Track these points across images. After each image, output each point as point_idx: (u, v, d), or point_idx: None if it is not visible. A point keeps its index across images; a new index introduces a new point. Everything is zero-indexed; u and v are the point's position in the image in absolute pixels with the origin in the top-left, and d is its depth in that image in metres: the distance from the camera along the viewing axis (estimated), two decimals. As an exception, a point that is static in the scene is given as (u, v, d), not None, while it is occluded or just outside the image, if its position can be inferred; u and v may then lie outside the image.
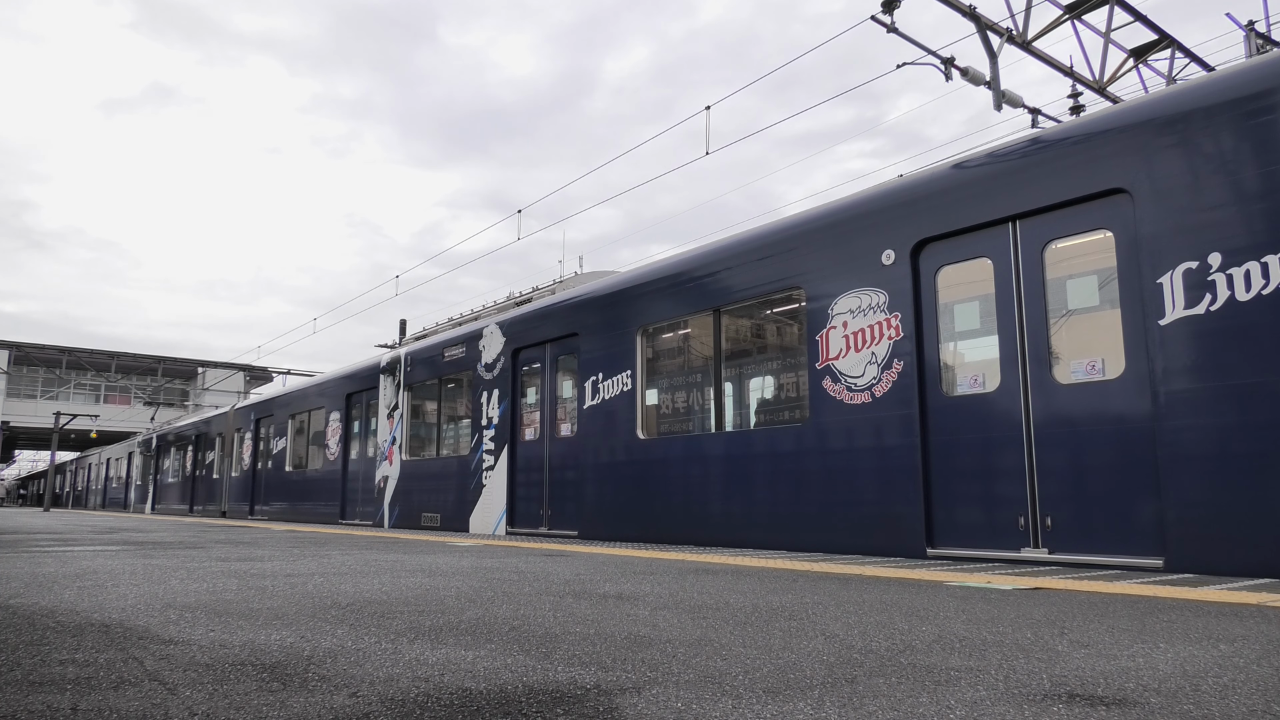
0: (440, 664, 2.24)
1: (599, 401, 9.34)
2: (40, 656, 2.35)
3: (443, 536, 9.88)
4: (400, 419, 13.42)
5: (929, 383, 6.38)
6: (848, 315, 6.93)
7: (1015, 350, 5.91)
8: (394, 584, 4.31)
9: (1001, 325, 6.01)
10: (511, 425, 10.83)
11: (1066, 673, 2.13)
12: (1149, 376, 5.18)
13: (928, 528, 6.23)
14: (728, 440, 7.89)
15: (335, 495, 15.34)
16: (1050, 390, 5.69)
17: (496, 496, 10.90)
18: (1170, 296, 5.13)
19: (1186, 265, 5.07)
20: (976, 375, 6.17)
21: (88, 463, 44.88)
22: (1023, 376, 5.85)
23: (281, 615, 3.15)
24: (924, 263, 6.52)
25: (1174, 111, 5.23)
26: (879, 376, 6.64)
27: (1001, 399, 5.94)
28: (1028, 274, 5.91)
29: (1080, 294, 5.71)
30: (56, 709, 1.77)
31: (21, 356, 46.95)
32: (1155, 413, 5.11)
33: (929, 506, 6.27)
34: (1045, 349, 5.75)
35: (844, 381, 6.91)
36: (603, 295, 9.58)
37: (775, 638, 2.66)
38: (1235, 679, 2.06)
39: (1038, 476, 5.68)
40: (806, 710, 1.76)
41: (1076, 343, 5.67)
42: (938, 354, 6.36)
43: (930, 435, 6.32)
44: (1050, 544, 5.60)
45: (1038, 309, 5.84)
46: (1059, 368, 5.69)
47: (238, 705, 1.80)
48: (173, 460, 26.99)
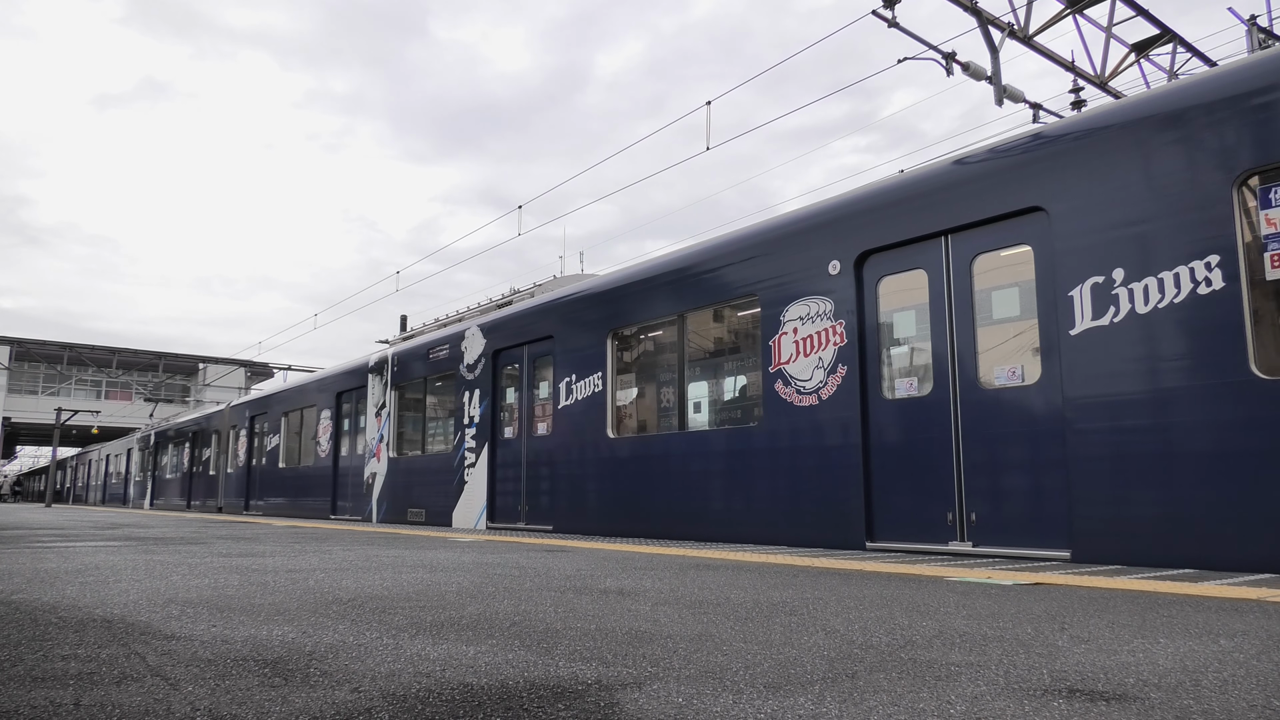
0: (442, 659, 2.25)
1: (572, 402, 9.74)
2: (43, 652, 2.35)
3: (445, 533, 9.90)
4: (388, 417, 13.80)
5: (870, 386, 6.80)
6: (798, 322, 7.34)
7: (946, 356, 6.31)
8: (395, 579, 4.32)
9: (935, 333, 6.40)
10: (492, 424, 11.23)
11: (1067, 668, 2.14)
12: (1060, 382, 5.56)
13: (868, 522, 6.63)
14: (690, 440, 8.29)
15: (326, 491, 15.68)
16: (976, 395, 6.09)
17: (478, 492, 11.30)
18: (1079, 308, 5.52)
19: (1094, 279, 5.46)
20: (913, 380, 6.58)
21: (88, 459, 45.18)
22: (953, 381, 6.24)
23: (283, 611, 3.15)
24: (867, 273, 6.92)
25: (1085, 136, 5.62)
26: (825, 380, 7.06)
27: (934, 402, 6.34)
28: (958, 285, 6.31)
29: (1004, 304, 6.09)
30: (59, 704, 1.78)
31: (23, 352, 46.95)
32: (1065, 416, 5.50)
33: (869, 502, 6.66)
34: (973, 356, 6.15)
35: (794, 385, 7.31)
36: (576, 299, 9.97)
37: (776, 633, 2.67)
38: (1235, 674, 2.06)
39: (964, 475, 6.09)
40: (807, 705, 1.76)
41: (1000, 350, 6.06)
42: (879, 359, 6.79)
43: (871, 436, 6.74)
44: (974, 537, 5.99)
45: (967, 318, 6.22)
46: (985, 374, 6.10)
47: (240, 700, 1.80)
48: (171, 456, 27.32)
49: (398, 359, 13.81)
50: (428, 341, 13.10)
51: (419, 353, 13.23)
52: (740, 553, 6.20)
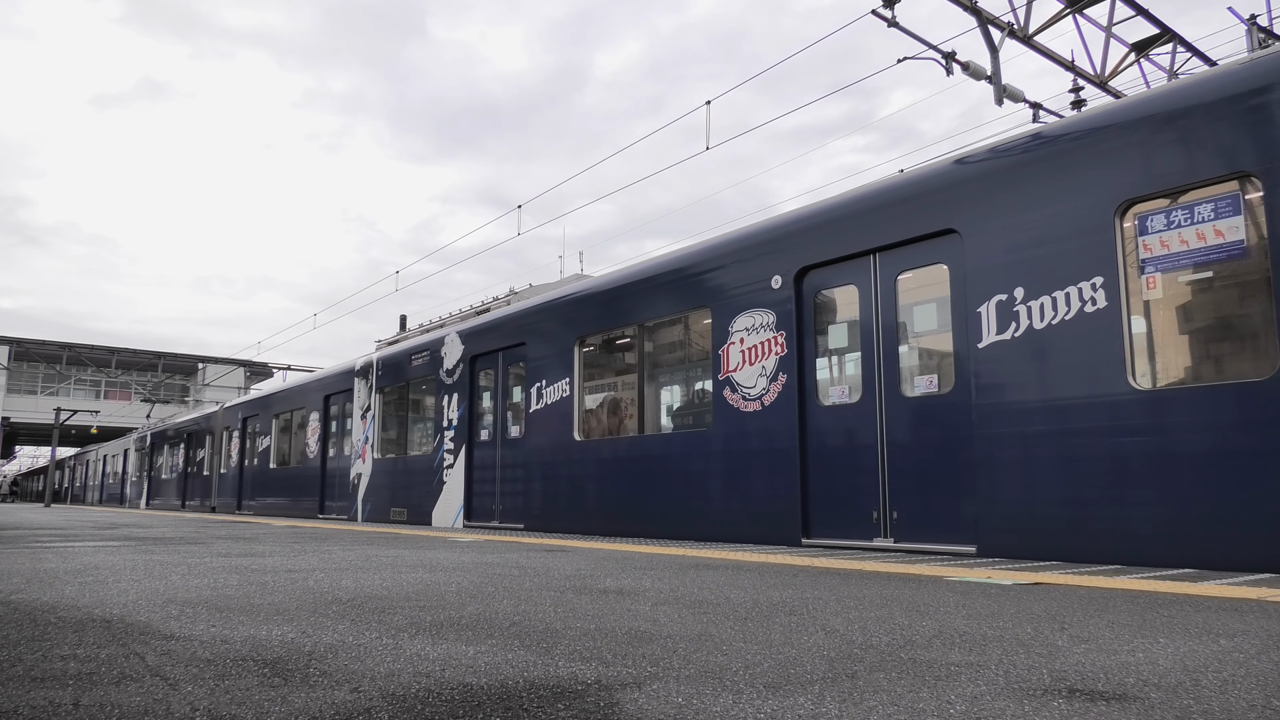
0: (441, 659, 2.25)
1: (543, 406, 10.20)
2: (42, 652, 2.35)
3: (444, 533, 9.90)
4: (373, 420, 14.27)
5: (807, 394, 7.26)
6: (744, 332, 7.81)
7: (874, 366, 6.78)
8: (395, 579, 4.32)
9: (863, 344, 6.89)
10: (469, 427, 11.69)
11: (1067, 668, 2.14)
12: (970, 392, 6.05)
13: (804, 520, 7.09)
14: (647, 443, 8.79)
15: (315, 491, 16.12)
16: (898, 402, 6.57)
17: (455, 492, 11.77)
18: (986, 323, 6.02)
19: (999, 297, 5.96)
20: (845, 388, 7.08)
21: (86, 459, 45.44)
22: (879, 389, 6.72)
23: (283, 611, 3.15)
24: (806, 288, 7.39)
25: (991, 166, 6.12)
26: (768, 388, 7.53)
27: (862, 409, 6.82)
28: (884, 300, 6.78)
29: (924, 318, 6.59)
30: (58, 704, 1.77)
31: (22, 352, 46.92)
32: (973, 423, 6.00)
33: (805, 502, 7.13)
34: (896, 366, 6.63)
35: (740, 391, 7.78)
36: (546, 308, 10.43)
37: (775, 633, 2.67)
38: (1235, 674, 2.06)
39: (888, 476, 6.56)
40: (807, 705, 1.76)
41: (920, 361, 6.60)
42: (815, 368, 7.26)
43: (808, 440, 7.20)
44: (896, 534, 6.46)
45: (891, 330, 6.70)
46: (905, 383, 6.58)
47: (239, 701, 1.80)
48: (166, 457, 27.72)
49: (381, 363, 14.22)
50: (410, 347, 13.52)
51: (402, 357, 13.63)
52: (739, 552, 6.20)
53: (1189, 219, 5.20)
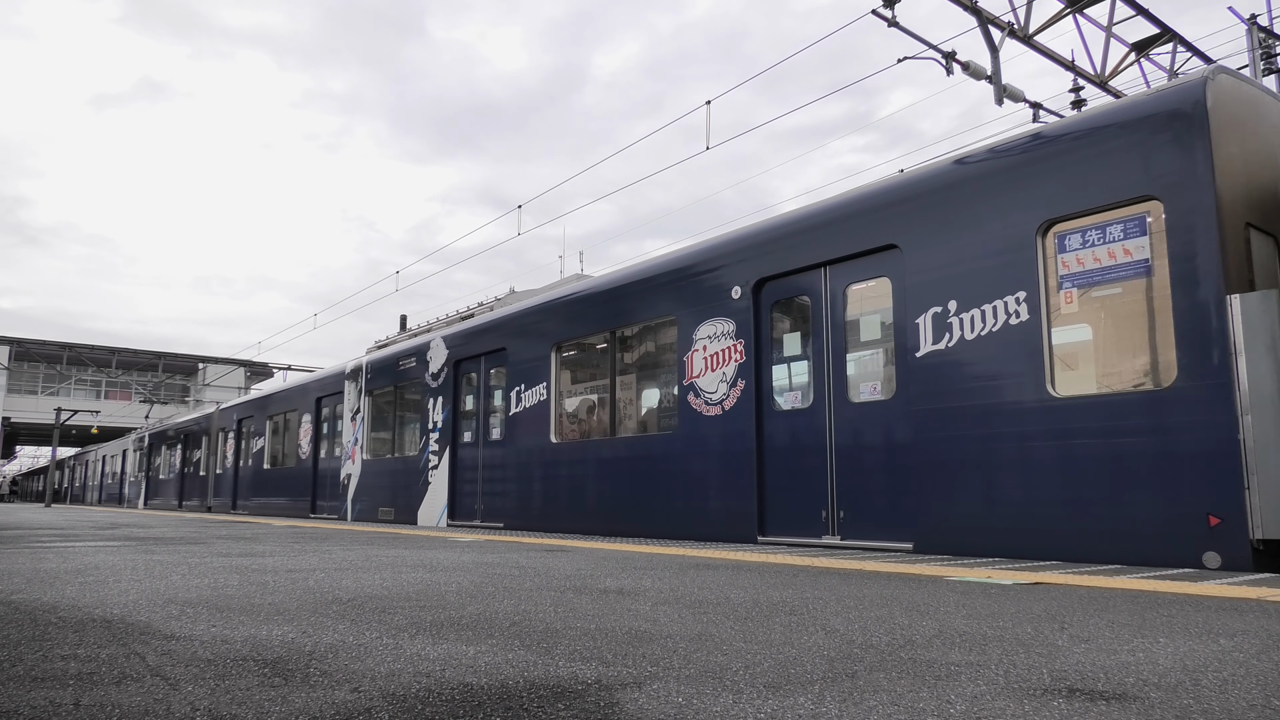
0: (442, 659, 2.25)
1: (522, 409, 10.59)
2: (42, 652, 2.35)
3: (444, 532, 9.91)
4: (362, 422, 14.69)
5: (764, 399, 7.65)
6: (707, 340, 8.21)
7: (824, 373, 7.17)
8: (395, 579, 4.32)
9: (815, 352, 7.28)
10: (453, 429, 12.07)
11: (1067, 667, 2.14)
12: (909, 398, 6.42)
13: (760, 518, 7.50)
14: (618, 445, 9.15)
15: (307, 491, 16.51)
16: (846, 407, 6.96)
17: (440, 492, 12.17)
18: (923, 333, 6.39)
19: (935, 309, 6.34)
20: (797, 394, 7.45)
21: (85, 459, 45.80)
22: (828, 395, 7.11)
23: (283, 611, 3.15)
24: (764, 298, 7.77)
25: (929, 185, 6.49)
26: (728, 393, 7.92)
27: (813, 414, 7.21)
28: (834, 310, 7.16)
29: (869, 328, 6.97)
30: (59, 704, 1.78)
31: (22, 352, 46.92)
32: (912, 428, 6.38)
33: (761, 501, 7.53)
34: (844, 373, 7.02)
35: (703, 396, 8.18)
36: (525, 314, 10.82)
37: (775, 633, 2.67)
38: (1235, 674, 2.06)
39: (835, 477, 6.96)
40: (807, 705, 1.76)
41: (865, 368, 6.97)
42: (771, 375, 7.64)
43: (764, 443, 7.58)
44: (842, 532, 6.86)
45: (840, 339, 7.09)
46: (853, 389, 6.97)
47: (239, 700, 1.80)
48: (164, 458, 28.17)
49: (370, 367, 14.62)
50: (397, 351, 13.94)
51: (389, 361, 14.02)
52: (739, 552, 6.20)
53: (1101, 239, 5.60)
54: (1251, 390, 4.83)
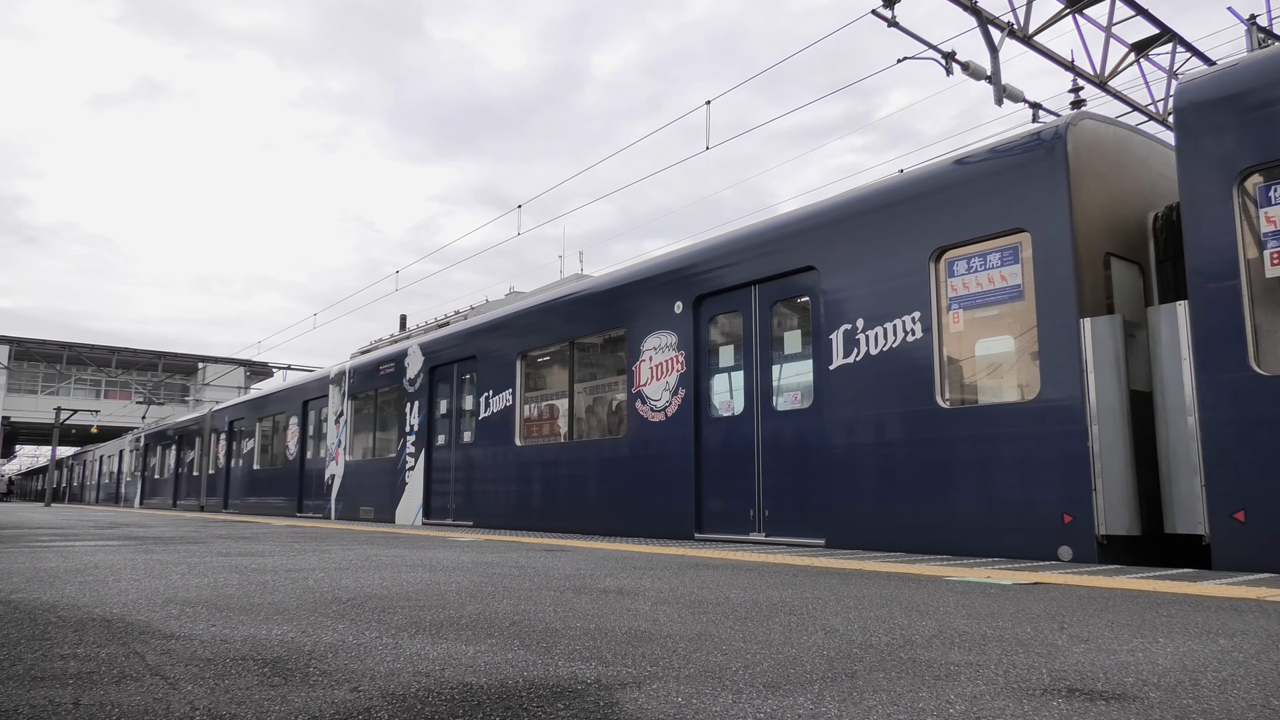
0: (441, 659, 2.25)
1: (490, 414, 11.22)
2: (42, 651, 2.35)
3: (444, 532, 9.92)
4: (345, 424, 15.32)
5: (702, 406, 8.28)
6: (653, 351, 8.83)
7: (753, 383, 7.76)
8: (394, 579, 4.32)
9: (745, 364, 7.88)
10: (428, 432, 12.68)
11: (1066, 667, 2.14)
12: (823, 407, 7.02)
13: (698, 517, 8.13)
14: (575, 448, 9.78)
15: (294, 491, 17.16)
16: (771, 415, 7.55)
17: (416, 492, 12.79)
18: (836, 348, 7.00)
19: (845, 326, 6.94)
20: (730, 402, 8.06)
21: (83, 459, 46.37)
22: (756, 404, 7.70)
23: (282, 610, 3.15)
24: (702, 313, 8.39)
25: (842, 213, 7.09)
26: (670, 401, 8.55)
27: (744, 420, 7.81)
28: (762, 326, 7.78)
29: (792, 343, 7.56)
30: (58, 704, 1.78)
31: (22, 352, 46.89)
32: (825, 434, 6.98)
33: (699, 501, 8.15)
34: (770, 383, 7.61)
35: (649, 403, 8.80)
36: (494, 324, 11.45)
37: (775, 633, 2.67)
38: (1235, 673, 2.06)
39: (762, 479, 7.55)
40: (806, 705, 1.76)
41: (788, 379, 7.54)
42: (708, 384, 8.28)
43: (701, 447, 8.21)
44: (767, 529, 7.45)
45: (767, 352, 7.69)
46: (778, 398, 7.55)
47: (239, 700, 1.80)
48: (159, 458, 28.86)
49: (353, 372, 15.24)
50: (378, 357, 14.53)
51: (371, 367, 14.64)
52: (739, 552, 6.20)
53: (983, 265, 6.24)
54: (1099, 404, 5.44)
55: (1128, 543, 5.46)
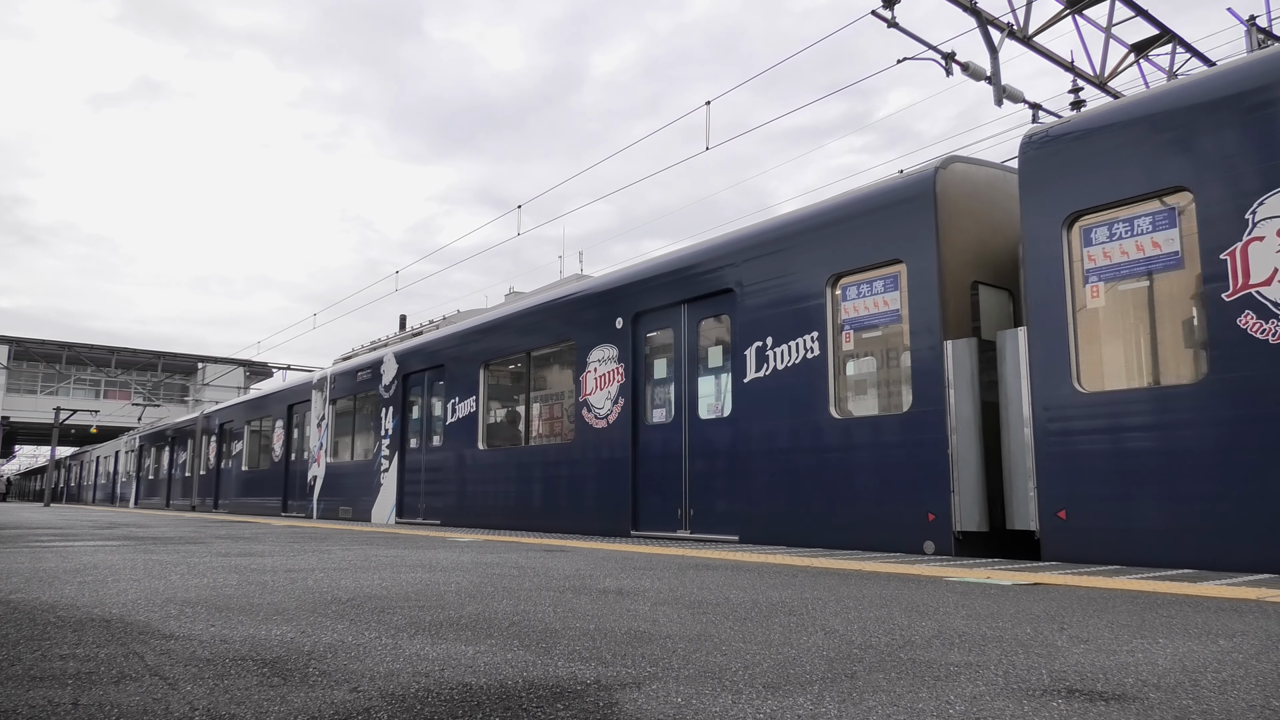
0: (441, 659, 2.25)
1: (457, 419, 11.95)
2: (41, 651, 2.35)
3: (444, 532, 9.93)
4: (326, 428, 16.09)
5: (639, 414, 8.99)
6: (597, 363, 9.53)
7: (682, 394, 8.53)
8: (394, 579, 4.32)
9: (676, 376, 8.64)
10: (401, 436, 13.45)
11: (1066, 668, 2.14)
12: (740, 416, 7.75)
13: (634, 515, 8.86)
14: (530, 452, 10.55)
15: (280, 491, 17.97)
16: (697, 423, 8.33)
17: (390, 493, 13.56)
18: (749, 363, 7.74)
19: (757, 343, 7.67)
20: (663, 410, 8.80)
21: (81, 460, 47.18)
22: (684, 413, 8.47)
23: (282, 610, 3.15)
24: (640, 329, 9.14)
25: (755, 241, 7.84)
26: (612, 409, 9.27)
27: (673, 428, 8.57)
28: (689, 342, 8.53)
29: (715, 357, 8.32)
30: (57, 704, 1.77)
31: (21, 352, 46.87)
32: (740, 441, 7.71)
33: (635, 501, 8.86)
34: (696, 394, 8.41)
35: (594, 411, 9.50)
36: (461, 334, 12.18)
37: (775, 633, 2.67)
38: (1235, 674, 2.06)
39: (688, 481, 8.31)
40: (806, 705, 1.76)
41: (711, 390, 8.29)
42: (645, 394, 9.01)
43: (639, 452, 8.92)
44: (692, 527, 8.21)
45: (694, 365, 8.46)
46: (702, 408, 8.31)
47: (238, 700, 1.80)
48: (152, 459, 29.81)
49: (334, 378, 15.99)
50: (357, 364, 15.29)
51: (350, 374, 15.41)
52: (738, 553, 6.20)
53: (870, 291, 6.98)
54: (957, 416, 6.16)
55: (979, 537, 6.17)
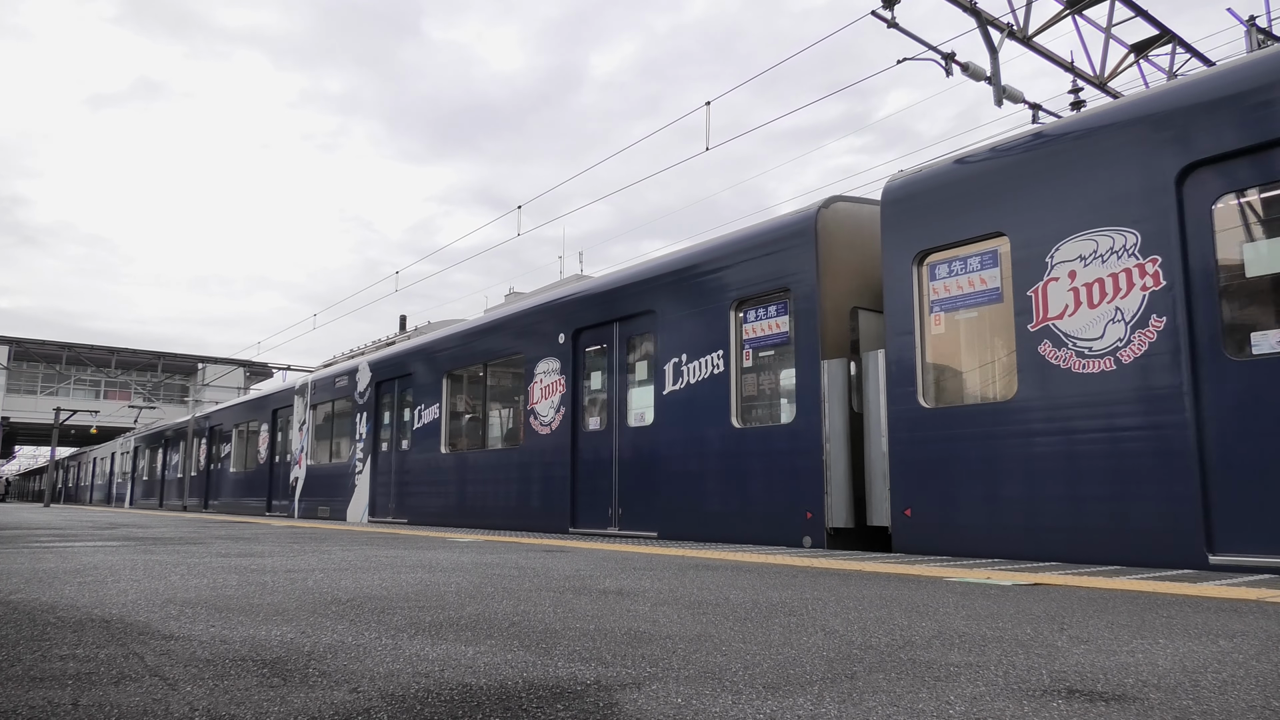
0: (440, 660, 2.24)
1: (422, 425, 12.94)
2: (41, 652, 2.35)
3: (444, 533, 9.94)
4: (307, 432, 17.04)
5: (579, 422, 9.88)
6: (543, 374, 10.47)
7: (613, 403, 9.41)
8: (394, 580, 4.32)
9: (609, 387, 9.52)
10: (374, 440, 14.40)
11: (1066, 668, 2.14)
12: (660, 425, 8.70)
13: (572, 514, 9.74)
14: (485, 455, 11.50)
15: (264, 491, 18.95)
16: (626, 431, 9.19)
17: (363, 493, 14.54)
18: (669, 377, 8.66)
19: (675, 359, 8.60)
20: (598, 419, 9.71)
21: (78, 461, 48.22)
22: (614, 421, 9.36)
23: (282, 611, 3.15)
24: (580, 343, 10.03)
25: (674, 268, 8.80)
26: (555, 417, 10.19)
27: (606, 435, 9.47)
28: (620, 357, 9.41)
29: (641, 371, 9.23)
30: (57, 704, 1.77)
31: (21, 352, 46.85)
32: (659, 447, 8.65)
33: (574, 500, 9.76)
34: (626, 404, 9.26)
35: (539, 419, 10.44)
36: (425, 346, 13.17)
37: (775, 633, 2.67)
38: (1234, 674, 2.06)
39: (618, 483, 9.21)
40: (806, 705, 1.76)
41: (637, 401, 9.10)
42: (583, 403, 9.89)
43: (577, 456, 9.83)
44: (620, 525, 9.10)
45: (624, 377, 9.34)
46: (630, 417, 9.20)
47: (238, 701, 1.80)
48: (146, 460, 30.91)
49: (314, 384, 16.93)
50: (335, 371, 16.22)
51: (328, 380, 16.33)
52: (738, 553, 6.20)
53: (765, 314, 7.87)
54: (830, 426, 7.05)
55: (846, 533, 7.02)
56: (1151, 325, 5.30)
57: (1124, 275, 5.49)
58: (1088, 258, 5.67)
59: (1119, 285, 5.51)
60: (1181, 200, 5.28)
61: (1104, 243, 5.60)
